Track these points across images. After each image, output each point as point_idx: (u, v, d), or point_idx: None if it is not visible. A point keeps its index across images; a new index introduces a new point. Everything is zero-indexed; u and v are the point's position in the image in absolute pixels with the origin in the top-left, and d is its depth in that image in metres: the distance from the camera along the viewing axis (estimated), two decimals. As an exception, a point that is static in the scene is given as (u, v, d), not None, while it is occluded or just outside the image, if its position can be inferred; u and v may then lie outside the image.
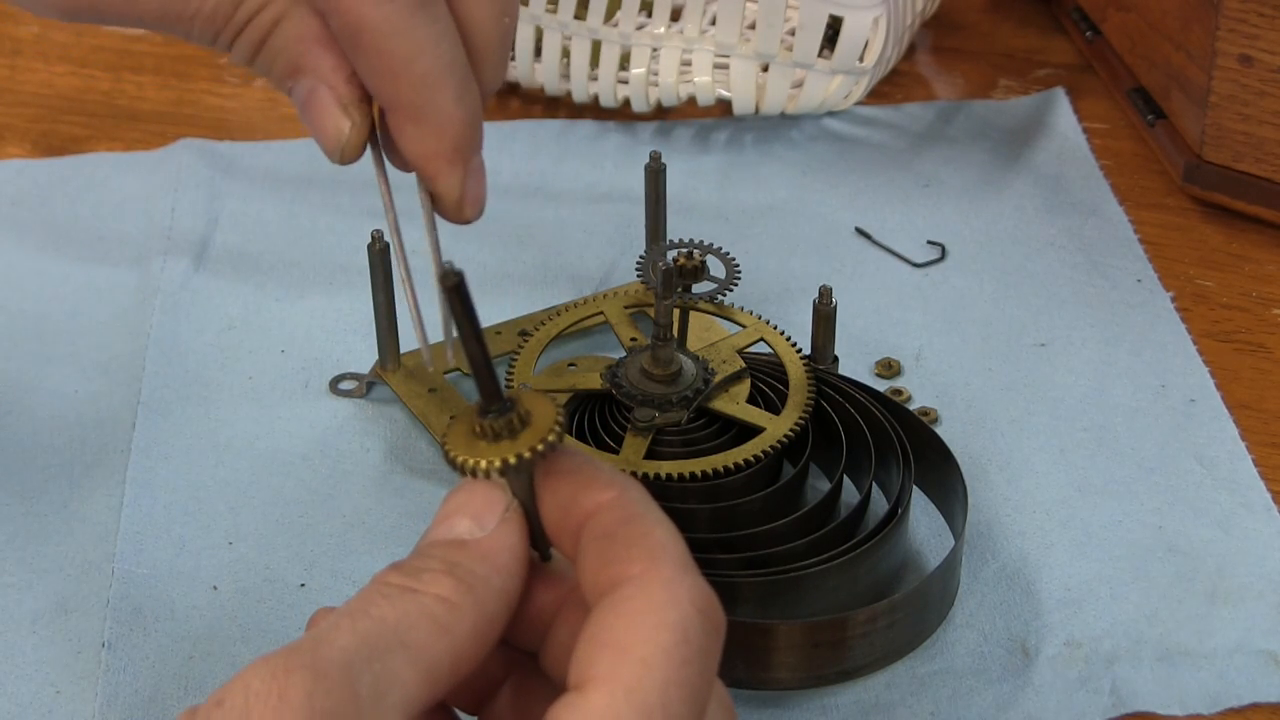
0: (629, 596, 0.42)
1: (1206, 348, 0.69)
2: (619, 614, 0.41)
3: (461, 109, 0.49)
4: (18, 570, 0.60)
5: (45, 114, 0.85)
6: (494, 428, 0.44)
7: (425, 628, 0.42)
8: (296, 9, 0.48)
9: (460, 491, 0.45)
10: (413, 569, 0.43)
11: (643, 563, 0.42)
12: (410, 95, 0.48)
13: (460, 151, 0.49)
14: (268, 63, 0.50)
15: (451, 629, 0.42)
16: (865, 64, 0.79)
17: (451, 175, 0.50)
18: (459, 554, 0.43)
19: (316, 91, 0.49)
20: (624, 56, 0.82)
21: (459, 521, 0.44)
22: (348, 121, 0.49)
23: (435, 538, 0.44)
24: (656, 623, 0.41)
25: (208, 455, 0.65)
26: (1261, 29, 0.71)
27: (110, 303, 0.72)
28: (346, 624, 0.41)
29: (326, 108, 0.49)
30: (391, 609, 0.42)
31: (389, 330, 0.66)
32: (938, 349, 0.69)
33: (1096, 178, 0.79)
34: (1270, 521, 0.62)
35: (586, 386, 0.61)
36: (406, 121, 0.49)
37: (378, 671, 0.40)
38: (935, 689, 0.56)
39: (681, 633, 0.41)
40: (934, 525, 0.61)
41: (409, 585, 0.42)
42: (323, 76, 0.49)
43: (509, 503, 0.44)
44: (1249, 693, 0.56)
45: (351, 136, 0.49)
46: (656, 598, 0.41)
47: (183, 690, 0.56)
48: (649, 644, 0.41)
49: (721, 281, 0.63)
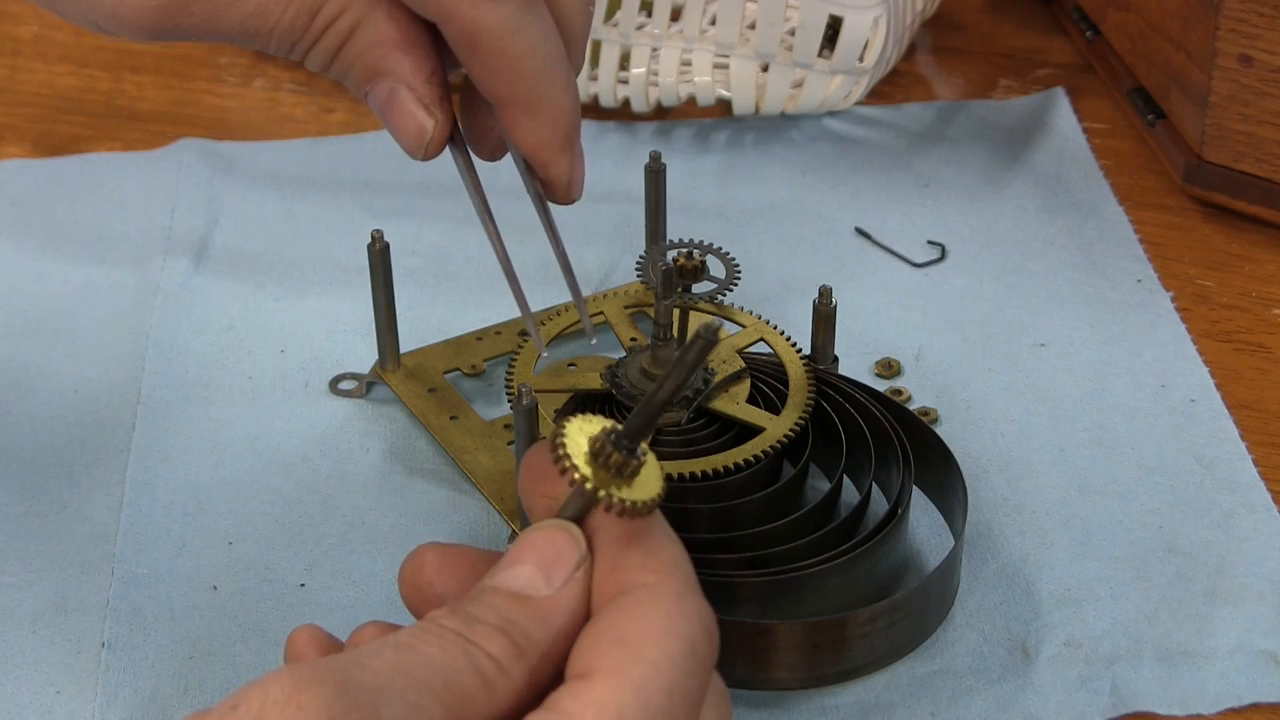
0: (642, 601, 0.42)
1: (1206, 348, 0.69)
2: (631, 614, 0.42)
3: (569, 98, 0.51)
4: (18, 570, 0.60)
5: (45, 114, 0.85)
6: (616, 461, 0.43)
7: (470, 680, 0.41)
8: (371, 15, 0.50)
9: (538, 533, 0.44)
10: (469, 617, 0.42)
11: (657, 573, 0.43)
12: (525, 90, 0.50)
13: (570, 138, 0.52)
14: (345, 68, 0.51)
15: (496, 690, 0.42)
16: (865, 64, 0.79)
17: (563, 161, 0.53)
18: (518, 611, 0.43)
19: (397, 93, 0.51)
20: (624, 56, 0.82)
21: (524, 572, 0.43)
22: (431, 120, 0.51)
23: (499, 584, 0.43)
24: (668, 629, 0.42)
25: (208, 455, 0.65)
26: (1261, 29, 0.71)
27: (110, 303, 0.72)
28: (389, 653, 0.41)
29: (408, 108, 0.51)
30: (440, 651, 0.41)
31: (389, 330, 0.66)
32: (938, 349, 0.69)
33: (1096, 178, 0.79)
34: (1270, 521, 0.62)
35: (586, 386, 0.61)
36: (522, 115, 0.51)
37: (410, 703, 0.40)
38: (935, 689, 0.56)
39: (690, 645, 0.42)
40: (934, 525, 0.61)
41: (462, 632, 0.42)
42: (402, 78, 0.51)
43: (581, 561, 0.44)
44: (1249, 693, 0.56)
45: (435, 134, 0.51)
46: (669, 607, 0.42)
47: (182, 690, 0.56)
48: (660, 648, 0.41)
49: (721, 281, 0.63)
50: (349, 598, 0.59)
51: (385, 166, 0.80)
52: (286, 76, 0.87)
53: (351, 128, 0.83)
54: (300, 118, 0.84)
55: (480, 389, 0.67)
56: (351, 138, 0.82)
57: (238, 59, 0.88)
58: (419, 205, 0.77)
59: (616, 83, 0.82)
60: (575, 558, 0.44)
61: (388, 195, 0.78)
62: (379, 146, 0.82)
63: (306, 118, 0.84)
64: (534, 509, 0.46)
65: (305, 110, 0.85)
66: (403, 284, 0.69)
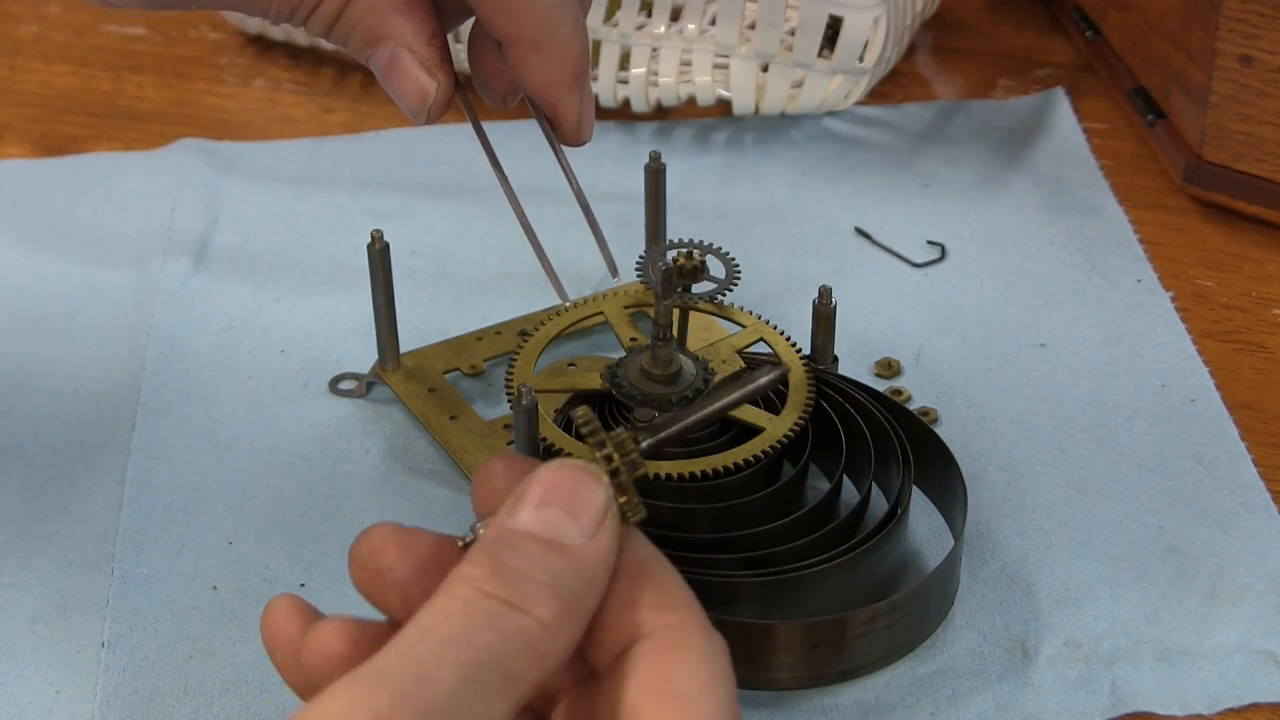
0: (678, 646, 0.42)
1: (1206, 348, 0.69)
2: (674, 662, 0.42)
3: (578, 37, 0.52)
4: (18, 570, 0.60)
5: (45, 114, 0.85)
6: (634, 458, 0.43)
7: (523, 657, 0.40)
8: None
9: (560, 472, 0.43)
10: (516, 576, 0.41)
11: (677, 611, 0.42)
12: (534, 29, 0.51)
13: (580, 77, 0.52)
14: (345, 34, 0.51)
15: (545, 658, 0.41)
16: (865, 64, 0.79)
17: (573, 100, 0.53)
18: (561, 564, 0.41)
19: (398, 56, 0.51)
20: (624, 56, 0.82)
21: (555, 516, 0.42)
22: (433, 82, 0.51)
23: (533, 529, 0.42)
24: (712, 675, 0.42)
25: (208, 455, 0.65)
26: (1261, 29, 0.71)
27: (110, 303, 0.72)
28: (451, 655, 0.39)
29: (410, 71, 0.51)
30: (497, 636, 0.40)
31: (389, 330, 0.66)
32: (938, 349, 0.69)
33: (1096, 178, 0.79)
34: (1270, 521, 0.62)
35: (586, 386, 0.61)
36: (531, 53, 0.51)
37: (479, 713, 0.39)
38: (935, 689, 0.56)
39: (729, 684, 0.42)
40: (934, 525, 0.61)
41: (512, 601, 0.40)
42: (404, 41, 0.51)
43: (608, 504, 0.43)
44: (1249, 693, 0.56)
45: (438, 96, 0.52)
46: (705, 650, 0.42)
47: (182, 690, 0.56)
48: (712, 698, 0.41)
49: (721, 281, 0.63)
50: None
51: (385, 166, 0.80)
52: (286, 76, 0.87)
53: (351, 128, 0.83)
54: (300, 118, 0.84)
55: (480, 389, 0.67)
56: (351, 138, 0.82)
57: (238, 59, 0.89)
58: (419, 205, 0.77)
59: (616, 83, 0.82)
60: (603, 500, 0.42)
61: (388, 195, 0.78)
62: (379, 146, 0.82)
63: (306, 118, 0.84)
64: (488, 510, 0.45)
65: (305, 110, 0.85)
66: (403, 284, 0.69)
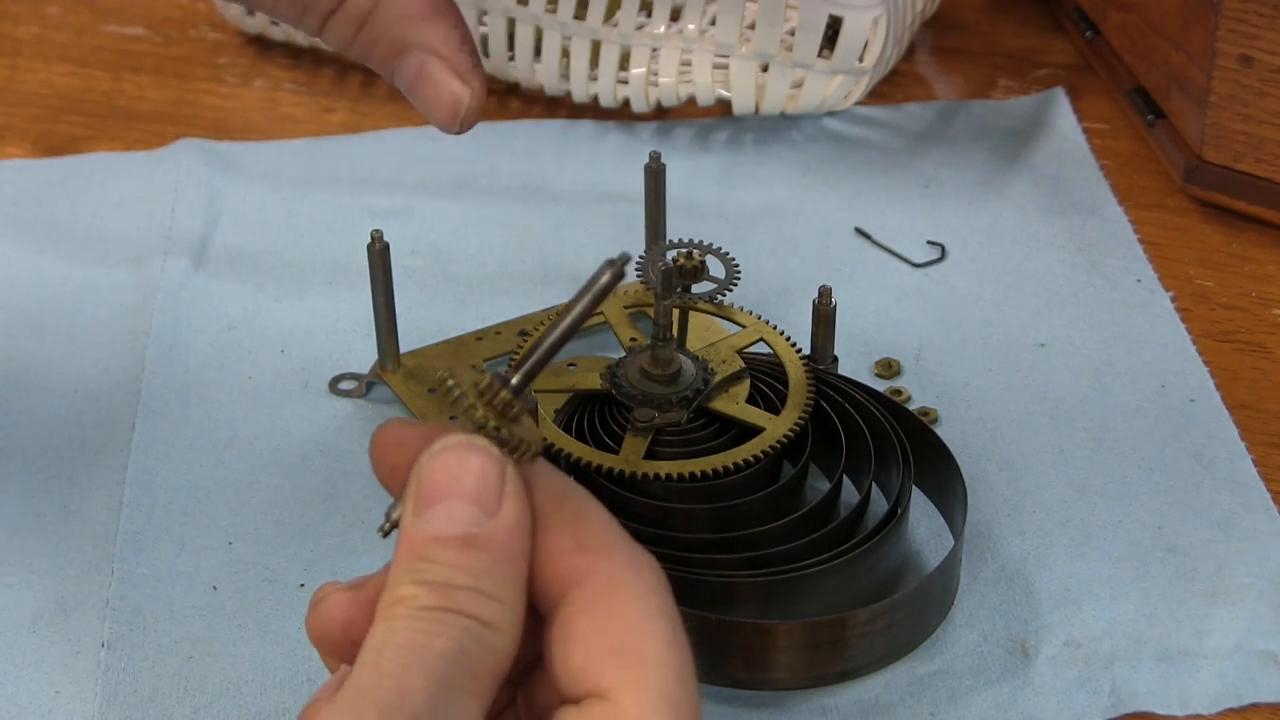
0: (608, 592, 0.41)
1: (1206, 348, 0.69)
2: (608, 613, 0.41)
3: None
4: (18, 570, 0.60)
5: (45, 114, 0.85)
6: (504, 398, 0.41)
7: (479, 656, 0.40)
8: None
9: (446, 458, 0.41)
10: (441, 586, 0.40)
11: (601, 551, 0.41)
12: None
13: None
14: (369, 45, 0.49)
15: (498, 649, 0.40)
16: (865, 64, 0.79)
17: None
18: (480, 558, 0.40)
19: (428, 65, 0.49)
20: (624, 56, 0.82)
21: (457, 508, 0.41)
22: (467, 90, 0.49)
23: (439, 532, 0.40)
24: (647, 614, 0.41)
25: (208, 455, 0.65)
26: (1261, 29, 0.71)
27: (110, 303, 0.72)
28: (416, 663, 0.39)
29: (441, 79, 0.49)
30: (451, 641, 0.39)
31: (389, 330, 0.66)
32: (938, 349, 0.69)
33: (1096, 178, 0.79)
34: (1270, 521, 0.62)
35: (586, 386, 0.61)
36: None
37: (459, 712, 0.39)
38: (935, 689, 0.56)
39: (668, 613, 0.41)
40: (934, 525, 0.61)
41: (450, 608, 0.40)
42: (433, 49, 0.49)
43: (503, 469, 0.41)
44: (1249, 693, 0.56)
45: (471, 103, 0.49)
46: (635, 586, 0.41)
47: (182, 690, 0.56)
48: (654, 640, 0.40)
49: (721, 281, 0.63)
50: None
51: (385, 166, 0.80)
52: (287, 77, 0.87)
53: (351, 128, 0.83)
54: (300, 118, 0.84)
55: (480, 389, 0.67)
56: (351, 138, 0.82)
57: (238, 59, 0.89)
58: (419, 205, 0.77)
59: (616, 83, 0.82)
60: (494, 470, 0.41)
61: (388, 195, 0.78)
62: (379, 146, 0.82)
63: (306, 118, 0.84)
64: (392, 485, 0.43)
65: (305, 110, 0.85)
66: (403, 284, 0.69)
